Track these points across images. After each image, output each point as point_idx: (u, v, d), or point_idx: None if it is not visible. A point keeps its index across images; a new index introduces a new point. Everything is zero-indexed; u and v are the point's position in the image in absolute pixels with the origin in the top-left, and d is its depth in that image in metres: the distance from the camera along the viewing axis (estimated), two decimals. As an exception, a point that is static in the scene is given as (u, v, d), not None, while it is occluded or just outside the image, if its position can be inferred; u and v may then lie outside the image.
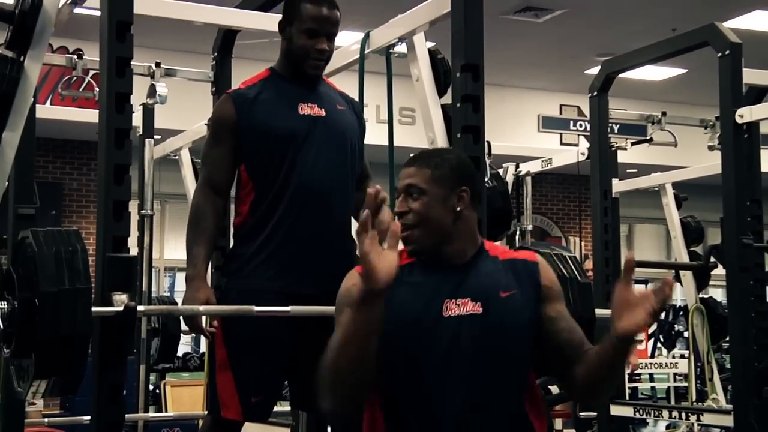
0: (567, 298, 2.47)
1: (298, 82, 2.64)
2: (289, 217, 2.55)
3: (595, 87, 4.79)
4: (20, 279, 2.09)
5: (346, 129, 2.67)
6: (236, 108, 2.59)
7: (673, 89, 11.05)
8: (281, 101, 2.61)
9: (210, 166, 2.62)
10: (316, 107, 2.62)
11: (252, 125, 2.57)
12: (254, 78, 2.68)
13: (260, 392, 2.56)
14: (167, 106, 4.63)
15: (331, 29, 2.62)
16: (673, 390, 8.02)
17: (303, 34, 2.59)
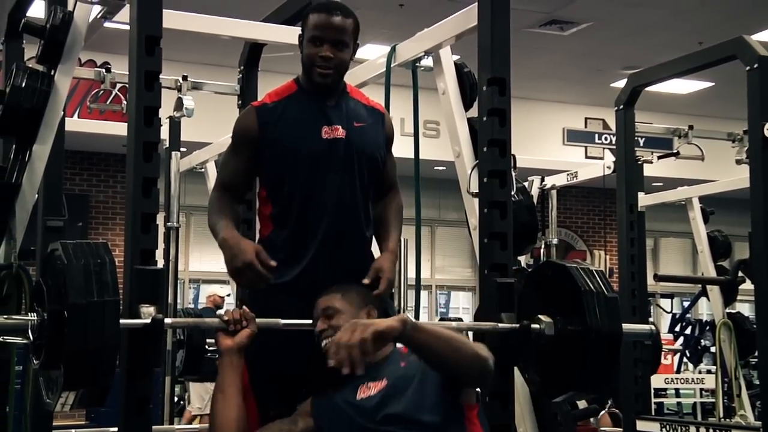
0: (593, 312, 2.46)
1: (320, 95, 2.65)
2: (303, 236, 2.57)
3: (621, 100, 4.78)
4: (49, 291, 2.10)
5: (367, 147, 2.67)
6: (259, 123, 2.60)
7: (700, 102, 10.99)
8: (305, 122, 2.61)
9: (227, 172, 2.67)
10: (340, 129, 2.61)
11: (274, 143, 2.59)
12: (280, 91, 2.69)
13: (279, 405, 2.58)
14: (193, 119, 4.67)
15: (335, 36, 2.60)
16: (699, 406, 7.94)
17: (309, 42, 2.60)
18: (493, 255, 2.73)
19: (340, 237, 2.60)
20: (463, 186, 3.10)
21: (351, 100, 2.71)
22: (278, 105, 2.63)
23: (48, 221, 3.12)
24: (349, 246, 2.63)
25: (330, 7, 2.63)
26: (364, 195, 2.67)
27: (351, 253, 2.63)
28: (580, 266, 2.55)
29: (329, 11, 2.61)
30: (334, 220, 2.59)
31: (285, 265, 2.56)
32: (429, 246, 12.17)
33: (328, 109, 2.64)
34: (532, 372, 2.71)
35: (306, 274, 2.55)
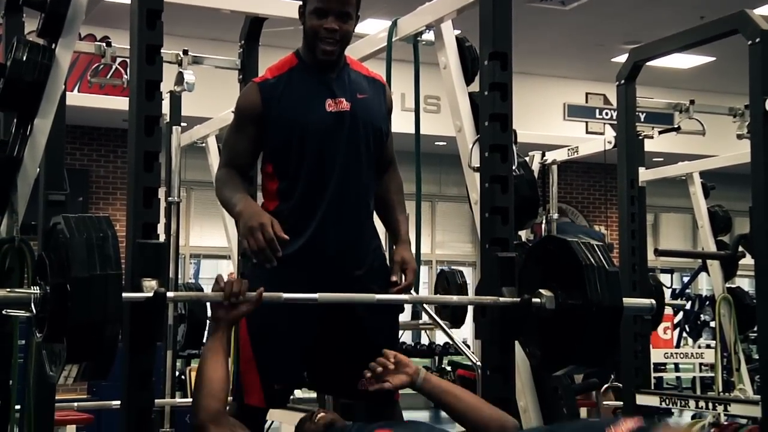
0: (594, 286, 2.46)
1: (322, 68, 2.63)
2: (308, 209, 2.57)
3: (622, 75, 4.76)
4: (52, 265, 2.10)
5: (371, 119, 2.67)
6: (263, 98, 2.58)
7: (702, 77, 10.96)
8: (309, 95, 2.59)
9: (231, 151, 2.65)
10: (344, 102, 2.60)
11: (278, 119, 2.57)
12: (281, 65, 2.67)
13: (283, 379, 2.61)
14: (194, 93, 4.66)
15: (340, 7, 2.56)
16: (698, 380, 7.98)
17: (312, 15, 2.56)
18: (495, 229, 2.74)
19: (346, 209, 2.60)
20: (465, 161, 3.11)
21: (352, 72, 2.70)
22: (280, 79, 2.61)
23: (50, 195, 3.12)
24: (354, 217, 2.63)
25: None
26: (369, 166, 2.67)
27: (355, 225, 2.63)
28: (581, 240, 2.56)
29: None
30: (340, 192, 2.59)
31: (290, 237, 2.56)
32: (429, 221, 12.18)
33: (331, 82, 2.62)
34: (532, 346, 2.72)
35: (310, 246, 2.55)
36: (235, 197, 2.53)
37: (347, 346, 2.63)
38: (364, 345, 2.62)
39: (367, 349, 2.59)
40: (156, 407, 4.52)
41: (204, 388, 2.31)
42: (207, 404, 2.29)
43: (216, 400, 2.30)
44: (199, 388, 2.32)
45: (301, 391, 4.44)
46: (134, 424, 2.41)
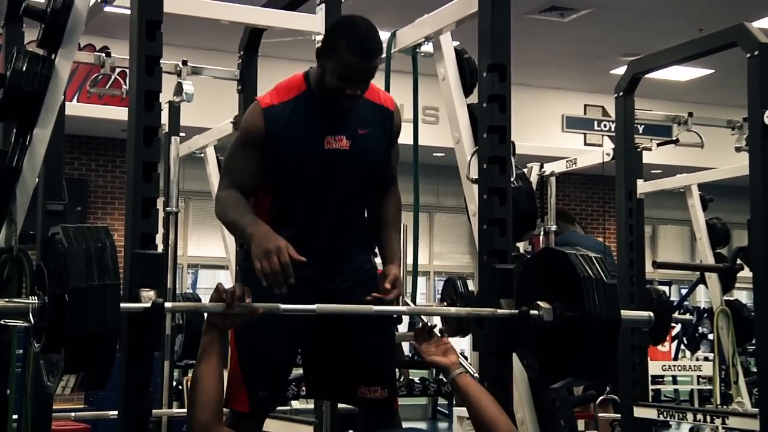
0: (592, 298, 2.47)
1: (328, 104, 2.61)
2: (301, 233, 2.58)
3: (621, 87, 4.77)
4: (50, 275, 2.10)
5: (370, 157, 2.66)
6: (266, 125, 2.57)
7: (700, 90, 10.98)
8: (310, 129, 2.58)
9: (235, 173, 2.60)
10: (344, 139, 2.59)
11: (278, 148, 2.57)
12: (289, 88, 2.64)
13: (268, 386, 2.62)
14: (193, 104, 4.66)
15: (365, 78, 2.56)
16: (696, 393, 7.98)
17: (335, 76, 2.53)
18: (493, 241, 2.74)
19: (337, 241, 2.63)
20: (463, 172, 3.11)
21: (360, 102, 2.65)
22: (286, 107, 2.59)
23: (48, 205, 3.12)
24: (346, 247, 2.66)
25: (365, 50, 2.51)
26: (363, 200, 2.71)
27: (347, 252, 2.65)
28: (579, 252, 2.56)
29: (364, 56, 2.51)
30: (331, 227, 2.62)
31: None
32: (427, 232, 12.18)
33: (335, 116, 2.61)
34: (530, 358, 2.72)
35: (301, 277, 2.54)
36: (245, 218, 2.50)
37: (342, 354, 2.64)
38: (358, 352, 2.63)
39: (361, 356, 2.61)
40: (153, 417, 4.52)
41: (196, 399, 2.32)
42: (198, 416, 2.30)
43: (206, 412, 2.30)
44: (192, 400, 2.33)
45: (298, 402, 4.44)
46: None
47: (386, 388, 2.69)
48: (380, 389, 2.67)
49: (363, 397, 2.65)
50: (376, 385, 2.66)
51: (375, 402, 2.66)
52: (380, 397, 2.67)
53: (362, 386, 2.65)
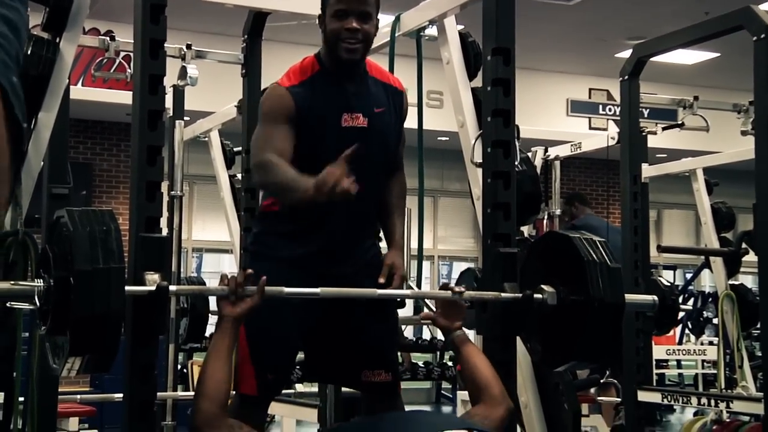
0: (596, 282, 2.47)
1: (343, 76, 2.61)
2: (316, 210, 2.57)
3: (626, 71, 4.76)
4: (55, 258, 2.11)
5: (384, 135, 2.67)
6: (296, 103, 2.56)
7: (706, 73, 10.94)
8: (327, 107, 2.59)
9: (272, 143, 2.52)
10: (360, 117, 2.60)
11: (302, 126, 2.57)
12: (303, 69, 2.64)
13: (275, 370, 2.63)
14: (197, 87, 4.66)
15: (360, 7, 2.58)
16: (701, 377, 7.99)
17: (333, 18, 2.57)
18: (497, 225, 2.74)
19: (352, 222, 2.63)
20: (467, 156, 3.11)
21: (372, 80, 2.68)
22: (304, 86, 2.60)
23: (53, 189, 3.12)
24: (359, 231, 2.66)
25: None
26: (378, 179, 2.70)
27: (359, 238, 2.66)
28: (583, 236, 2.56)
29: None
30: (347, 206, 2.59)
31: (292, 241, 2.57)
32: (432, 216, 12.18)
33: (350, 94, 2.62)
34: (534, 341, 2.73)
35: (314, 256, 2.55)
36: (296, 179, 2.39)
37: (347, 339, 2.65)
38: (363, 337, 2.64)
39: (366, 340, 2.62)
40: (158, 400, 4.52)
41: (202, 390, 2.32)
42: (203, 407, 2.29)
43: (212, 403, 2.29)
44: (198, 390, 2.33)
45: (303, 386, 4.46)
46: (137, 416, 2.42)
47: (390, 372, 2.70)
48: (384, 373, 2.68)
49: (367, 381, 2.67)
50: (379, 369, 2.67)
51: (379, 385, 2.67)
52: (384, 381, 2.68)
53: (366, 370, 2.66)
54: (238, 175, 4.89)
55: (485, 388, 2.47)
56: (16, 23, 1.07)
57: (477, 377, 2.50)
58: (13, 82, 1.04)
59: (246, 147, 4.16)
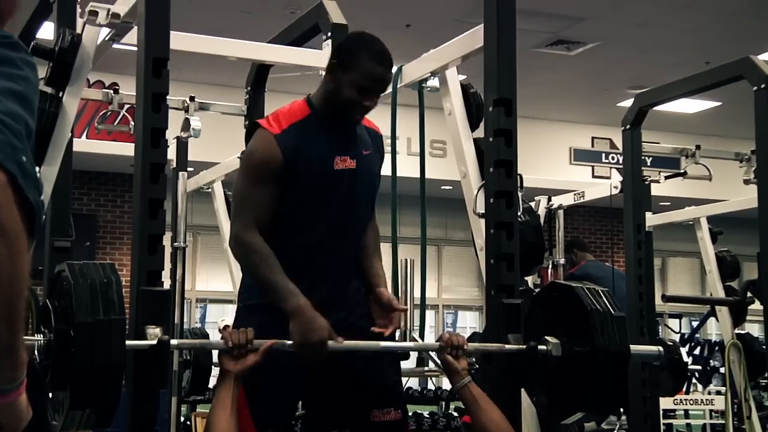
0: (600, 331, 2.45)
1: (335, 125, 2.63)
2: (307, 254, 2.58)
3: (628, 120, 4.77)
4: (56, 311, 2.10)
5: (371, 176, 2.70)
6: (283, 154, 2.54)
7: (707, 122, 10.99)
8: (319, 154, 2.58)
9: (256, 208, 2.54)
10: (348, 159, 2.61)
11: (292, 176, 2.56)
12: (291, 113, 2.63)
13: (276, 424, 2.60)
14: (200, 138, 4.68)
15: (384, 88, 2.62)
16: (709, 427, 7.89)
17: (354, 88, 2.55)
18: (500, 276, 2.73)
19: (339, 262, 2.63)
20: (470, 207, 3.10)
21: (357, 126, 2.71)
22: (295, 132, 2.58)
23: (55, 242, 3.13)
24: (346, 269, 2.65)
25: (385, 60, 2.59)
26: (363, 220, 2.70)
27: (346, 276, 2.65)
28: (585, 286, 2.54)
29: (384, 65, 2.58)
30: (336, 247, 2.62)
31: None
32: (436, 265, 12.16)
33: (341, 139, 2.63)
34: (539, 393, 2.69)
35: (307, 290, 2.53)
36: (282, 283, 2.45)
37: (353, 380, 2.62)
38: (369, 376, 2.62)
39: (372, 379, 2.60)
40: (160, 454, 4.49)
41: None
42: None
43: None
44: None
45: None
46: (137, 472, 2.39)
47: (399, 410, 2.66)
48: (393, 411, 2.64)
49: (377, 421, 2.62)
50: (389, 407, 2.63)
51: (390, 425, 2.63)
52: (394, 420, 2.63)
53: (375, 410, 2.62)
54: (241, 225, 4.89)
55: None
56: (25, 95, 1.08)
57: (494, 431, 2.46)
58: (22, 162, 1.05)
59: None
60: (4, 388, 1.10)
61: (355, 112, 2.61)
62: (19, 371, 1.11)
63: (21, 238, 1.03)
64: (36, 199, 1.06)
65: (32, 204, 1.05)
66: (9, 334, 1.06)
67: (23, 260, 1.05)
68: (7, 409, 1.11)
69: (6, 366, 1.08)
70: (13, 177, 1.02)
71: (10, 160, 1.02)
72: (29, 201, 1.04)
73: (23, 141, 1.05)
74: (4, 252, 1.01)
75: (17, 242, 1.02)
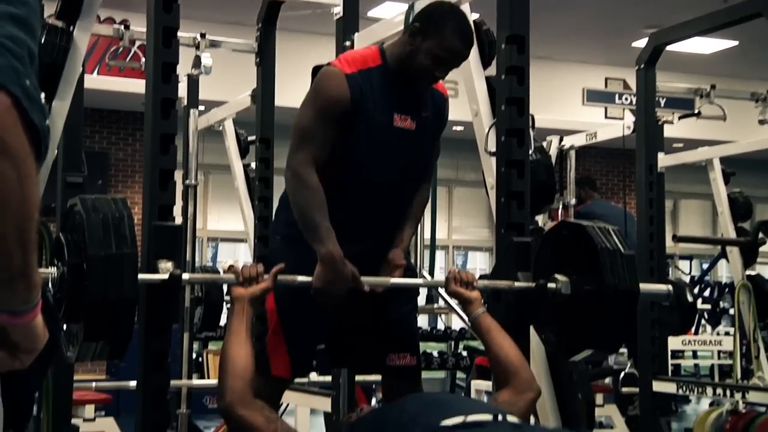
0: (610, 269, 2.46)
1: (401, 83, 2.59)
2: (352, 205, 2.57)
3: (642, 59, 4.72)
4: (69, 245, 2.12)
5: (428, 139, 2.67)
6: (351, 95, 2.51)
7: (723, 62, 10.85)
8: (383, 106, 2.55)
9: (317, 145, 2.49)
10: (409, 120, 2.58)
11: (354, 121, 2.52)
12: (363, 59, 2.59)
13: (309, 351, 2.67)
14: (211, 77, 4.67)
15: (457, 65, 2.61)
16: (717, 368, 7.95)
17: (431, 57, 2.52)
18: (510, 214, 2.73)
19: (385, 220, 2.62)
20: (481, 145, 3.09)
21: None
22: (363, 77, 2.54)
23: (67, 177, 3.14)
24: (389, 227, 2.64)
25: (468, 38, 2.57)
26: (415, 183, 2.68)
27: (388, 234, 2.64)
28: (596, 225, 2.55)
29: (466, 43, 2.56)
30: (383, 206, 2.60)
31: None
32: (446, 206, 12.16)
33: (404, 96, 2.60)
34: (548, 331, 2.72)
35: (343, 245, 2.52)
36: (322, 227, 2.43)
37: (372, 323, 2.64)
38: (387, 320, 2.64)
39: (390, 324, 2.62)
40: (173, 388, 4.56)
41: (229, 369, 2.28)
42: (233, 385, 2.25)
43: (241, 381, 2.26)
44: (224, 370, 2.29)
45: (316, 374, 4.46)
46: (150, 403, 2.43)
47: (414, 356, 2.69)
48: (409, 356, 2.67)
49: (392, 365, 2.65)
50: (405, 352, 2.66)
51: (404, 369, 2.66)
52: (409, 364, 2.67)
53: (391, 353, 2.65)
54: (252, 164, 4.89)
55: (514, 372, 2.44)
56: (25, 19, 1.07)
57: (505, 361, 2.47)
58: (26, 86, 1.04)
59: (260, 136, 4.17)
60: (20, 309, 1.11)
61: (424, 80, 2.58)
62: (33, 292, 1.12)
63: (28, 161, 1.04)
64: (41, 122, 1.05)
65: (38, 128, 1.05)
66: (22, 256, 1.07)
67: (32, 183, 1.05)
68: (23, 329, 1.13)
69: (21, 287, 1.10)
70: (17, 100, 1.02)
71: (14, 84, 1.02)
72: (35, 124, 1.04)
73: (26, 65, 1.05)
74: (13, 176, 1.02)
75: (24, 165, 1.03)
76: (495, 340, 2.51)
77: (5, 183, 1.02)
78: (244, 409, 2.21)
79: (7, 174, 1.01)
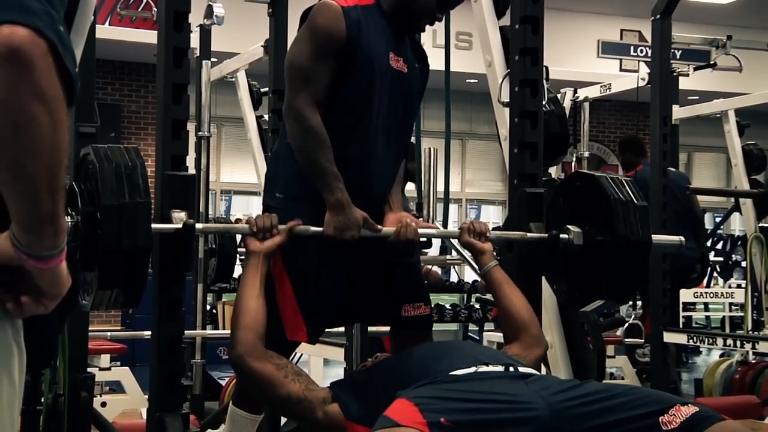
0: (622, 220, 2.45)
1: (394, 24, 2.53)
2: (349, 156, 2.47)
3: (658, 9, 4.67)
4: (82, 194, 2.13)
5: (416, 88, 2.61)
6: (348, 28, 2.41)
7: (740, 13, 10.71)
8: (379, 42, 2.47)
9: (314, 83, 2.40)
10: (401, 61, 2.52)
11: (350, 56, 2.42)
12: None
13: (323, 313, 2.56)
14: (223, 28, 4.63)
15: (454, 6, 2.59)
16: (728, 320, 7.97)
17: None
18: (523, 165, 2.73)
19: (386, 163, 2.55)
20: (494, 95, 3.08)
21: (410, 39, 2.61)
22: (358, 12, 2.45)
23: (80, 127, 3.13)
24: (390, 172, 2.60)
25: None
26: (402, 141, 2.64)
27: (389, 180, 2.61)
28: (609, 176, 2.54)
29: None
30: (384, 145, 2.52)
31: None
32: (460, 159, 12.13)
33: (398, 38, 2.54)
34: (559, 282, 2.73)
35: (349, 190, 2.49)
36: (333, 173, 2.38)
37: (385, 275, 2.62)
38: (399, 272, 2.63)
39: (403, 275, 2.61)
40: (188, 338, 4.60)
41: (240, 320, 2.29)
42: (244, 337, 2.26)
43: (253, 333, 2.27)
44: (236, 321, 2.30)
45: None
46: (165, 352, 2.46)
47: (428, 305, 2.69)
48: (423, 305, 2.66)
49: (407, 315, 2.64)
50: (419, 302, 2.65)
51: (419, 319, 2.66)
52: (424, 314, 2.66)
53: (407, 304, 2.64)
54: (265, 116, 4.88)
55: (524, 327, 2.46)
56: None
57: (515, 315, 2.48)
58: (60, 31, 1.05)
59: (273, 87, 4.14)
60: (47, 254, 1.12)
61: (424, 22, 2.55)
62: (60, 238, 1.13)
63: (62, 107, 1.04)
64: (73, 69, 1.06)
65: (71, 74, 1.05)
66: (51, 202, 1.08)
67: (64, 129, 1.06)
68: (49, 274, 1.15)
69: (48, 232, 1.11)
70: (53, 45, 1.02)
71: (50, 29, 1.02)
72: (68, 70, 1.05)
73: (59, 11, 1.05)
74: (47, 120, 1.02)
75: (58, 112, 1.04)
76: (506, 294, 2.52)
77: (39, 128, 1.02)
78: (255, 361, 2.24)
79: (41, 119, 1.02)
